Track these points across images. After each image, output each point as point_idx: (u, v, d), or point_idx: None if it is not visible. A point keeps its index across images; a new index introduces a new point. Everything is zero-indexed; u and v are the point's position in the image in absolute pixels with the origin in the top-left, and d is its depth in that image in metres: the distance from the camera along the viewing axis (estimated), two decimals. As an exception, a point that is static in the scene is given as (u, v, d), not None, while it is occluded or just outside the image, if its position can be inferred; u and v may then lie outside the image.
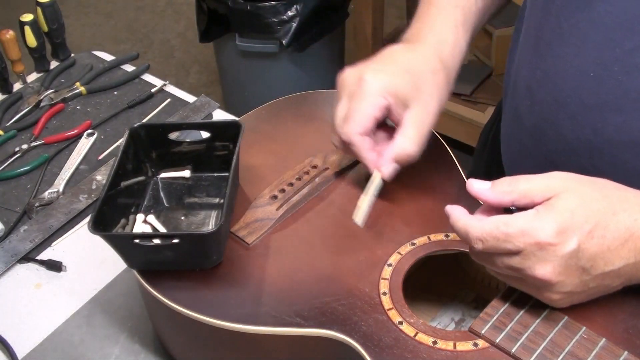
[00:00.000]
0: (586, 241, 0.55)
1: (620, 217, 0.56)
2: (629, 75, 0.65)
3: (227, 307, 0.64)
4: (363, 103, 0.69)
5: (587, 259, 0.55)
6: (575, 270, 0.56)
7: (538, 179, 0.58)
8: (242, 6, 1.87)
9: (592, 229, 0.55)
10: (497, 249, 0.57)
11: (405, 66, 0.71)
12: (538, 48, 0.73)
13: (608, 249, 0.55)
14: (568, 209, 0.55)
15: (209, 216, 0.76)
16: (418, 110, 0.70)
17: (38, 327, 0.80)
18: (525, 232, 0.55)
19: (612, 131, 0.67)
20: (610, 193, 0.58)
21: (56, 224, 0.90)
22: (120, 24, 2.86)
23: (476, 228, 0.57)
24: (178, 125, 0.78)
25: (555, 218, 0.55)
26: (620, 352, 0.57)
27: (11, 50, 1.11)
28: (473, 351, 0.59)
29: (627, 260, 0.56)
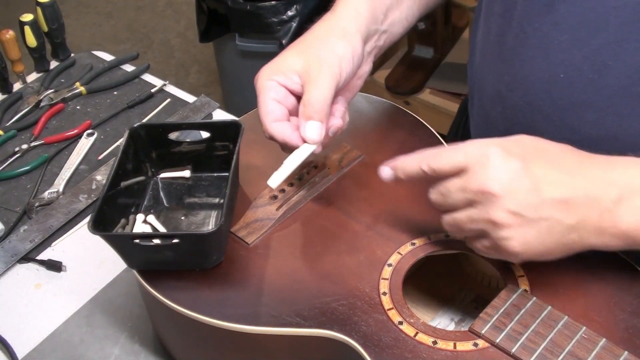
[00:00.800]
0: (533, 160, 0.56)
1: (567, 154, 0.59)
2: (599, 72, 0.66)
3: (227, 307, 0.64)
4: (259, 93, 0.70)
5: (534, 177, 0.56)
6: (521, 185, 0.56)
7: None
8: (242, 6, 1.87)
9: (540, 156, 0.57)
10: (443, 165, 0.58)
11: (301, 41, 0.73)
12: (502, 54, 0.74)
13: (557, 173, 0.56)
14: (515, 140, 0.59)
15: (209, 216, 0.76)
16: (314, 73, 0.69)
17: (38, 327, 0.80)
18: (471, 147, 0.58)
19: (588, 128, 0.69)
20: (560, 144, 0.60)
21: (56, 224, 0.90)
22: (120, 24, 2.86)
23: (425, 154, 0.61)
24: (178, 125, 0.78)
25: (502, 141, 0.58)
26: (620, 352, 0.57)
27: (11, 50, 1.11)
28: (473, 351, 0.59)
29: (575, 191, 0.56)
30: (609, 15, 0.64)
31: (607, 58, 0.65)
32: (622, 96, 0.66)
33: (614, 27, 0.64)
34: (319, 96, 0.68)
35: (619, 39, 0.64)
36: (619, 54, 0.64)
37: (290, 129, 0.69)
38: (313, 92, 0.68)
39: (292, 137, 0.69)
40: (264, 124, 0.70)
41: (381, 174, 0.64)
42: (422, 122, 0.83)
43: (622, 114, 0.66)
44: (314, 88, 0.68)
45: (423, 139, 0.81)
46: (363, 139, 0.82)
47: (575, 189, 0.56)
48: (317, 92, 0.68)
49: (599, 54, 0.65)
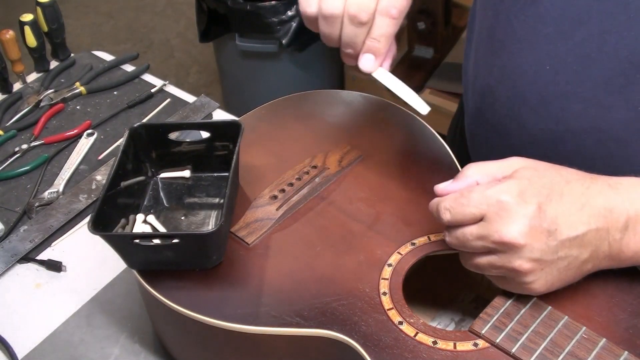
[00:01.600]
0: (545, 202, 0.56)
1: (573, 185, 0.58)
2: (583, 64, 0.67)
3: (227, 307, 0.64)
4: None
5: (550, 221, 0.56)
6: (541, 232, 0.56)
7: (496, 163, 0.61)
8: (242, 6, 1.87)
9: (549, 194, 0.57)
10: (463, 216, 0.58)
11: None
12: (492, 47, 0.75)
13: (568, 211, 0.57)
14: (526, 176, 0.58)
15: (209, 216, 0.76)
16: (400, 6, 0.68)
17: (38, 327, 0.80)
18: (487, 195, 0.57)
19: (572, 120, 0.70)
20: (562, 169, 0.60)
21: (56, 224, 0.90)
22: (120, 24, 2.86)
23: (444, 199, 0.60)
24: (178, 125, 0.78)
25: (515, 184, 0.57)
26: (620, 352, 0.57)
27: (11, 50, 1.11)
28: (473, 351, 0.59)
29: (588, 226, 0.57)
30: (591, 7, 0.65)
31: (590, 50, 0.66)
32: (605, 88, 0.67)
33: (596, 20, 0.65)
34: (392, 34, 0.68)
35: (602, 31, 0.65)
36: (602, 46, 0.65)
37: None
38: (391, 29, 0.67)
39: (386, 45, 0.67)
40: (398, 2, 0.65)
41: None
42: (422, 122, 0.83)
43: (605, 105, 0.67)
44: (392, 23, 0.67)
45: (423, 138, 0.81)
46: (363, 138, 0.82)
47: (587, 225, 0.57)
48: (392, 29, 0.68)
49: (583, 46, 0.66)
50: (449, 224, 0.60)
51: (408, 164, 0.77)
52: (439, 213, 0.60)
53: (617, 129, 0.68)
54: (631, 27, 0.63)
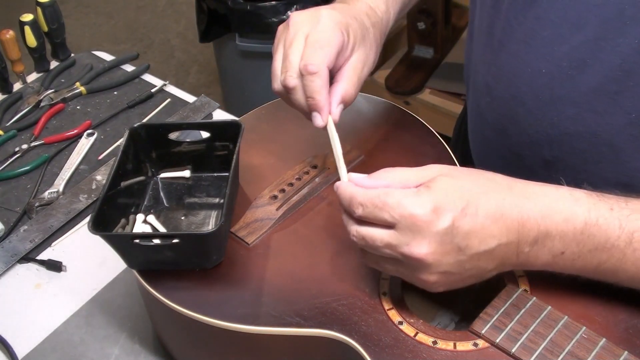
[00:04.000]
0: (460, 218, 0.55)
1: (490, 197, 0.57)
2: (578, 69, 0.67)
3: (227, 307, 0.64)
4: (327, 34, 0.67)
5: (462, 237, 0.55)
6: (451, 249, 0.56)
7: (413, 169, 0.60)
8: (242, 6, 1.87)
9: (465, 207, 0.55)
10: (374, 218, 0.56)
11: (352, 14, 0.72)
12: (491, 45, 0.75)
13: (482, 226, 0.56)
14: (442, 188, 0.56)
15: (209, 216, 0.76)
16: (361, 56, 0.70)
17: (38, 327, 0.79)
18: (402, 205, 0.55)
19: (567, 123, 0.70)
20: (479, 176, 0.59)
21: (56, 224, 0.90)
22: (120, 24, 2.86)
23: (361, 194, 0.58)
24: (178, 125, 0.78)
25: (431, 196, 0.55)
26: (620, 352, 0.57)
27: (11, 50, 1.11)
28: (473, 351, 0.59)
29: (499, 240, 0.56)
30: (590, 13, 0.65)
31: (585, 55, 0.66)
32: (598, 93, 0.67)
33: (594, 25, 0.65)
34: (353, 93, 0.69)
35: (597, 37, 0.65)
36: (597, 52, 0.65)
37: (327, 90, 0.68)
38: (352, 87, 0.69)
39: (324, 92, 0.67)
40: (316, 58, 0.66)
41: None
42: (422, 122, 0.83)
43: (599, 111, 0.67)
44: (354, 81, 0.69)
45: (423, 138, 0.81)
46: (363, 139, 0.82)
47: (498, 239, 0.56)
48: (353, 89, 0.69)
49: (578, 51, 0.66)
50: (359, 218, 0.58)
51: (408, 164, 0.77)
52: (351, 205, 0.58)
53: (610, 134, 0.67)
54: (625, 34, 0.63)
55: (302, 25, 0.69)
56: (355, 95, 0.70)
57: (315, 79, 0.66)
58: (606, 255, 0.57)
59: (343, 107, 0.69)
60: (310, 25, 0.68)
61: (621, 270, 0.57)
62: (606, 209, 0.57)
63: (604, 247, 0.56)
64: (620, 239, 0.56)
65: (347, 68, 0.69)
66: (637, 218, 0.56)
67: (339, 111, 0.69)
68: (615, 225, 0.56)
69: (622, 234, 0.56)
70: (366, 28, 0.72)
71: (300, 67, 0.67)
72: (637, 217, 0.56)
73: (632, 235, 0.56)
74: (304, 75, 0.67)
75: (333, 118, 0.68)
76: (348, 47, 0.69)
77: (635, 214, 0.56)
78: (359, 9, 0.74)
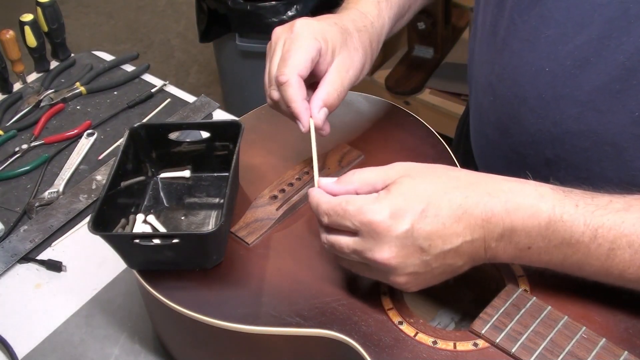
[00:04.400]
0: (419, 221, 0.56)
1: (452, 196, 0.57)
2: (581, 68, 0.67)
3: (227, 307, 0.64)
4: (298, 42, 0.69)
5: (424, 238, 0.56)
6: (414, 250, 0.57)
7: (380, 169, 0.61)
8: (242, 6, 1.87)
9: (425, 209, 0.56)
10: (338, 226, 0.59)
11: (333, 20, 0.74)
12: (495, 44, 0.75)
13: (443, 226, 0.57)
14: (401, 192, 0.57)
15: (209, 216, 0.76)
16: (344, 59, 0.72)
17: (38, 327, 0.80)
18: (361, 212, 0.57)
19: (570, 122, 0.70)
20: (442, 174, 0.60)
21: (56, 224, 0.90)
22: (120, 24, 2.86)
23: (325, 202, 0.60)
24: (178, 125, 0.78)
25: (389, 202, 0.57)
26: (620, 352, 0.57)
27: (11, 50, 1.11)
28: (473, 351, 0.59)
29: (464, 238, 0.57)
30: (594, 12, 0.65)
31: (589, 54, 0.66)
32: (601, 92, 0.67)
33: (598, 24, 0.65)
34: (336, 96, 0.70)
35: (601, 36, 0.65)
36: (600, 51, 0.65)
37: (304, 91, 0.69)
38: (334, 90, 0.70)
39: (300, 101, 0.69)
40: (286, 69, 0.68)
41: None
42: (422, 122, 0.83)
43: (602, 109, 0.67)
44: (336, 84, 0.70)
45: (423, 139, 0.81)
46: (363, 138, 0.82)
47: (463, 237, 0.57)
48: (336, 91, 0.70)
49: (582, 50, 0.66)
50: (326, 227, 0.60)
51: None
52: (318, 214, 0.60)
53: (613, 133, 0.68)
54: (630, 32, 0.63)
55: (279, 37, 0.72)
56: (339, 98, 0.71)
57: (287, 88, 0.68)
58: (571, 250, 0.57)
59: (327, 111, 0.71)
60: (285, 36, 0.71)
61: (586, 264, 0.58)
62: (571, 205, 0.57)
63: (569, 242, 0.57)
64: (584, 235, 0.56)
65: (329, 72, 0.71)
66: (602, 214, 0.56)
67: (321, 115, 0.70)
68: (580, 221, 0.56)
69: (587, 230, 0.56)
70: (348, 33, 0.73)
71: (274, 78, 0.70)
72: (602, 213, 0.56)
73: (596, 231, 0.56)
74: (278, 87, 0.69)
75: (315, 122, 0.69)
76: (327, 52, 0.71)
77: (600, 209, 0.57)
78: (345, 15, 0.76)
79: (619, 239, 0.56)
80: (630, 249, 0.56)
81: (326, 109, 0.70)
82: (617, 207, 0.57)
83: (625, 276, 0.57)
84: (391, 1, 0.81)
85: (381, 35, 0.79)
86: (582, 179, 0.61)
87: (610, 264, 0.57)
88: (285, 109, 0.71)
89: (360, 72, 0.74)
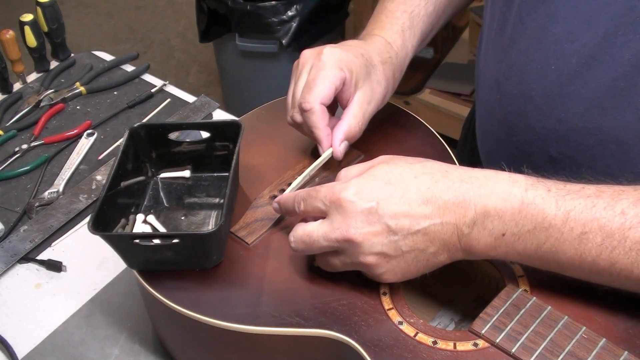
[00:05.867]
0: (385, 199, 0.58)
1: (421, 180, 0.59)
2: (587, 66, 0.67)
3: (227, 307, 0.64)
4: (323, 72, 0.72)
5: (389, 217, 0.58)
6: (381, 229, 0.58)
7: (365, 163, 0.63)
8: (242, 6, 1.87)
9: (392, 190, 0.59)
10: (312, 208, 0.61)
11: (359, 51, 0.76)
12: (502, 42, 0.76)
13: (410, 207, 0.58)
14: (372, 174, 0.60)
15: (209, 216, 0.76)
16: (366, 92, 0.75)
17: (38, 327, 0.80)
18: (332, 191, 0.60)
19: (575, 120, 0.70)
20: (417, 163, 0.61)
21: (56, 224, 0.90)
22: (120, 24, 2.87)
23: (301, 190, 0.63)
24: (178, 125, 0.78)
25: (358, 181, 0.60)
26: (620, 352, 0.57)
27: (11, 50, 1.11)
28: (473, 351, 0.59)
29: (431, 220, 0.58)
30: (600, 9, 0.65)
31: (595, 52, 0.66)
32: (607, 90, 0.67)
33: (604, 22, 0.65)
34: (358, 128, 0.74)
35: (607, 34, 0.65)
36: (607, 49, 0.66)
37: (326, 118, 0.73)
38: (356, 122, 0.74)
39: (323, 128, 0.72)
40: (310, 97, 0.71)
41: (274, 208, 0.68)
42: (422, 122, 0.83)
43: (607, 107, 0.68)
44: (358, 117, 0.74)
45: (423, 139, 0.81)
46: (363, 138, 0.81)
47: (430, 219, 0.58)
48: (358, 124, 0.74)
49: (588, 48, 0.67)
50: (302, 214, 0.63)
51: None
52: (294, 203, 0.63)
53: (619, 131, 0.68)
54: (636, 30, 0.63)
55: (306, 62, 0.75)
56: (360, 130, 0.75)
57: (310, 115, 0.72)
58: (544, 235, 0.57)
59: (347, 143, 0.74)
60: (312, 62, 0.74)
61: (560, 251, 0.57)
62: (544, 189, 0.57)
63: (541, 226, 0.57)
64: (557, 218, 0.56)
65: (351, 105, 0.74)
66: (573, 198, 0.57)
67: (342, 148, 0.74)
68: (552, 204, 0.57)
69: (559, 212, 0.56)
70: (372, 65, 0.76)
71: (297, 104, 0.73)
72: (573, 197, 0.57)
73: (568, 214, 0.56)
74: (301, 112, 0.73)
75: (336, 154, 0.74)
76: (351, 83, 0.73)
77: (572, 194, 0.57)
78: (371, 45, 0.78)
79: (590, 222, 0.56)
80: (602, 232, 0.56)
81: (347, 142, 0.74)
82: (588, 193, 0.57)
83: (599, 263, 0.56)
84: (415, 29, 0.83)
85: (404, 65, 0.82)
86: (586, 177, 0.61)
87: (583, 250, 0.56)
88: (308, 132, 0.74)
89: (380, 103, 0.77)
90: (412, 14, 0.82)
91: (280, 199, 0.66)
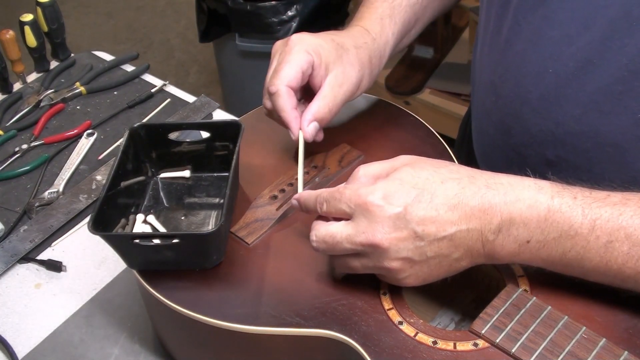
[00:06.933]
0: (413, 204, 0.57)
1: (448, 185, 0.58)
2: (584, 69, 0.67)
3: (227, 307, 0.64)
4: (289, 56, 0.72)
5: (417, 222, 0.57)
6: (407, 234, 0.57)
7: (386, 162, 0.62)
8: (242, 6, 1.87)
9: (419, 194, 0.58)
10: (336, 210, 0.60)
11: (330, 36, 0.76)
12: (498, 44, 0.76)
13: (437, 212, 0.57)
14: (399, 178, 0.59)
15: (209, 216, 0.76)
16: (338, 75, 0.74)
17: (38, 327, 0.80)
18: (357, 194, 0.59)
19: (572, 123, 0.70)
20: (443, 167, 0.61)
21: (56, 224, 0.90)
22: (120, 24, 2.87)
23: (324, 190, 0.62)
24: (178, 125, 0.78)
25: (385, 185, 0.59)
26: (620, 352, 0.57)
27: (11, 50, 1.11)
28: (473, 351, 0.59)
29: (458, 226, 0.57)
30: (597, 13, 0.65)
31: (592, 55, 0.66)
32: (604, 93, 0.67)
33: (601, 26, 0.65)
34: (327, 110, 0.73)
35: (604, 38, 0.65)
36: (603, 52, 0.66)
37: (294, 102, 0.72)
38: (325, 105, 0.72)
39: (290, 111, 0.72)
40: (276, 80, 0.71)
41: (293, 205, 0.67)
42: (422, 122, 0.83)
43: (604, 111, 0.67)
44: (328, 99, 0.73)
45: (423, 139, 0.81)
46: (363, 138, 0.82)
47: (457, 225, 0.57)
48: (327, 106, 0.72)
49: (585, 51, 0.67)
50: (324, 215, 0.62)
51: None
52: (316, 203, 0.62)
53: (616, 134, 0.68)
54: (632, 34, 0.63)
55: (276, 51, 0.76)
56: (330, 112, 0.73)
57: (277, 98, 0.72)
58: (570, 243, 0.57)
59: (317, 124, 0.73)
60: (280, 49, 0.75)
61: (586, 259, 0.57)
62: (570, 197, 0.57)
63: (567, 234, 0.57)
64: (583, 226, 0.56)
65: (322, 87, 0.73)
66: (599, 206, 0.56)
67: (311, 129, 0.73)
68: (578, 212, 0.56)
69: (585, 221, 0.56)
70: (345, 49, 0.75)
71: (266, 88, 0.73)
72: (599, 205, 0.56)
73: (594, 223, 0.56)
74: (270, 96, 0.73)
75: (305, 136, 0.72)
76: (321, 67, 0.73)
77: (598, 202, 0.57)
78: (345, 32, 0.79)
79: (617, 231, 0.56)
80: (628, 241, 0.55)
81: (316, 123, 0.73)
82: (614, 201, 0.57)
83: (625, 271, 0.56)
84: (395, 17, 0.82)
85: (384, 52, 0.81)
86: (582, 180, 0.61)
87: (609, 258, 0.56)
88: (277, 118, 0.74)
89: (356, 87, 0.76)
90: (392, 3, 0.82)
91: (300, 197, 0.65)
